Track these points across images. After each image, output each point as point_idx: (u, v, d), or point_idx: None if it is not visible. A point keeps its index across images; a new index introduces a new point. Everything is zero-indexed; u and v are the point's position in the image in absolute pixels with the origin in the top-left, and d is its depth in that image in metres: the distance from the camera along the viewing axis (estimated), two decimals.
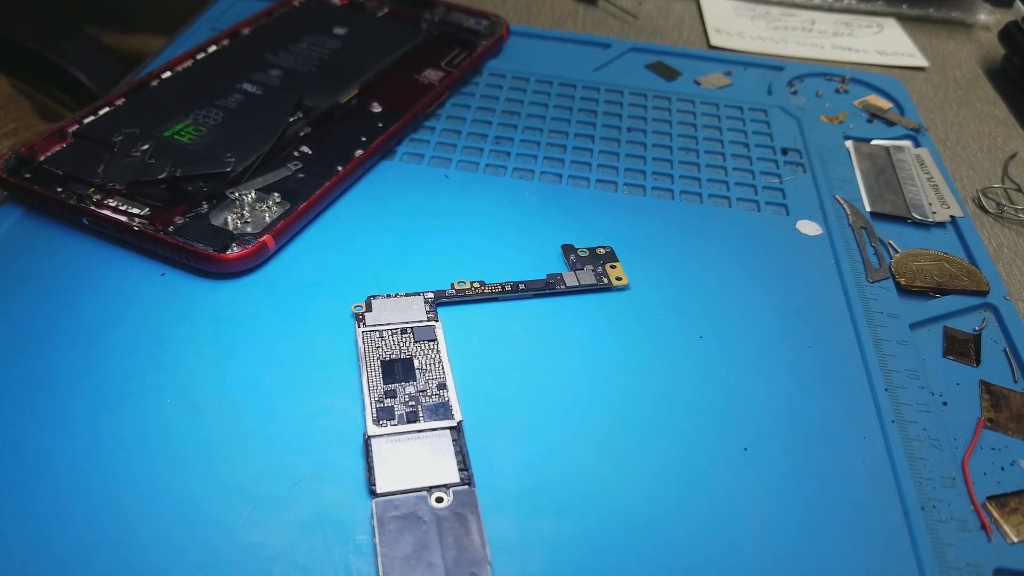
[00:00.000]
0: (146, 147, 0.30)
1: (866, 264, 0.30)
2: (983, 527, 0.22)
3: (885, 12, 0.52)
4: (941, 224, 0.33)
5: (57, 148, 0.30)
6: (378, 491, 0.21)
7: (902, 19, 0.51)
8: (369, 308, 0.26)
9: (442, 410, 0.23)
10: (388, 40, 0.39)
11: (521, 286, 0.27)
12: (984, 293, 0.29)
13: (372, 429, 0.22)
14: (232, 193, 0.29)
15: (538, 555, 0.20)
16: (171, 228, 0.27)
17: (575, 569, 0.20)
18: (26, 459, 0.21)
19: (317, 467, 0.22)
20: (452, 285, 0.27)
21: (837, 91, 0.42)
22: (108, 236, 0.28)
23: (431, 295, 0.26)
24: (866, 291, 0.29)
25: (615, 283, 0.28)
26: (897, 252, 0.31)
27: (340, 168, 0.31)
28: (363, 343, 0.25)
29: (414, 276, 0.28)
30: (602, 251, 0.29)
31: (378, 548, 0.19)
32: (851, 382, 0.26)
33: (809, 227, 0.32)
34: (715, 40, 0.47)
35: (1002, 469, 0.23)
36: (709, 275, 0.29)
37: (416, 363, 0.24)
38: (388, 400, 0.23)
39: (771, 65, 0.43)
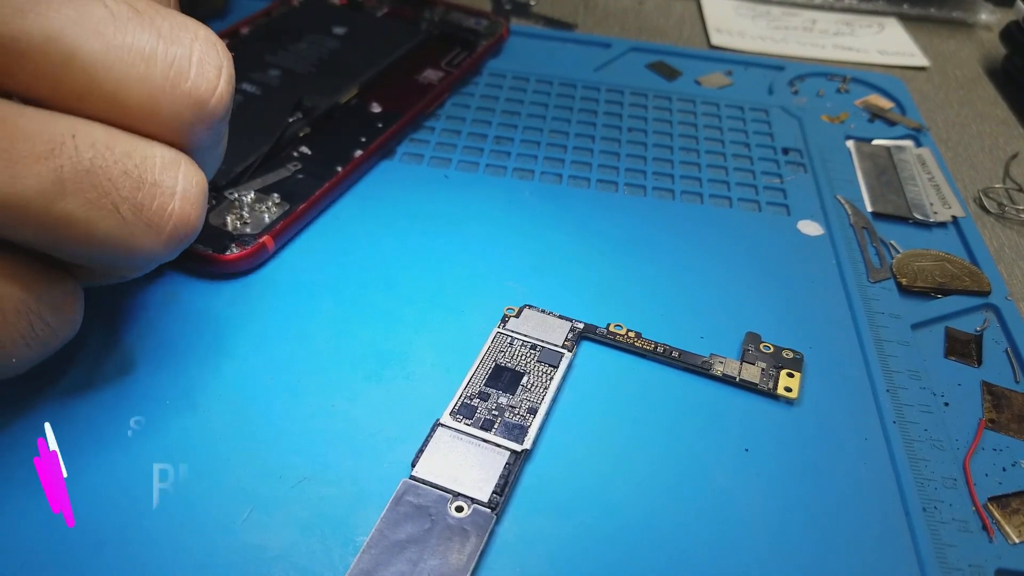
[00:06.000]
0: None
1: (867, 264, 0.30)
2: (984, 528, 0.22)
3: (886, 12, 0.52)
4: (942, 224, 0.33)
5: None
6: (414, 474, 0.21)
7: (903, 19, 0.51)
8: (518, 315, 0.26)
9: (517, 432, 0.22)
10: (388, 40, 0.39)
11: (675, 353, 0.25)
12: (986, 293, 0.29)
13: (445, 418, 0.22)
14: (231, 194, 0.29)
15: (538, 555, 0.20)
16: None
17: (575, 569, 0.20)
18: (25, 460, 0.21)
19: (317, 468, 0.21)
20: (608, 326, 0.26)
21: (838, 91, 0.41)
22: None
23: (581, 326, 0.26)
24: (867, 291, 0.29)
25: (781, 392, 0.24)
26: (898, 252, 0.31)
27: (340, 168, 0.31)
28: (491, 341, 0.25)
29: (414, 277, 0.28)
30: (789, 354, 0.26)
31: (377, 522, 0.20)
32: (852, 383, 0.25)
33: (810, 227, 0.32)
34: (716, 40, 0.47)
35: (1004, 470, 0.23)
36: (709, 275, 0.29)
37: (524, 380, 0.24)
38: (476, 400, 0.23)
39: (772, 65, 0.43)
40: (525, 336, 0.25)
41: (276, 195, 0.29)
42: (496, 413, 0.23)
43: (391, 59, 0.38)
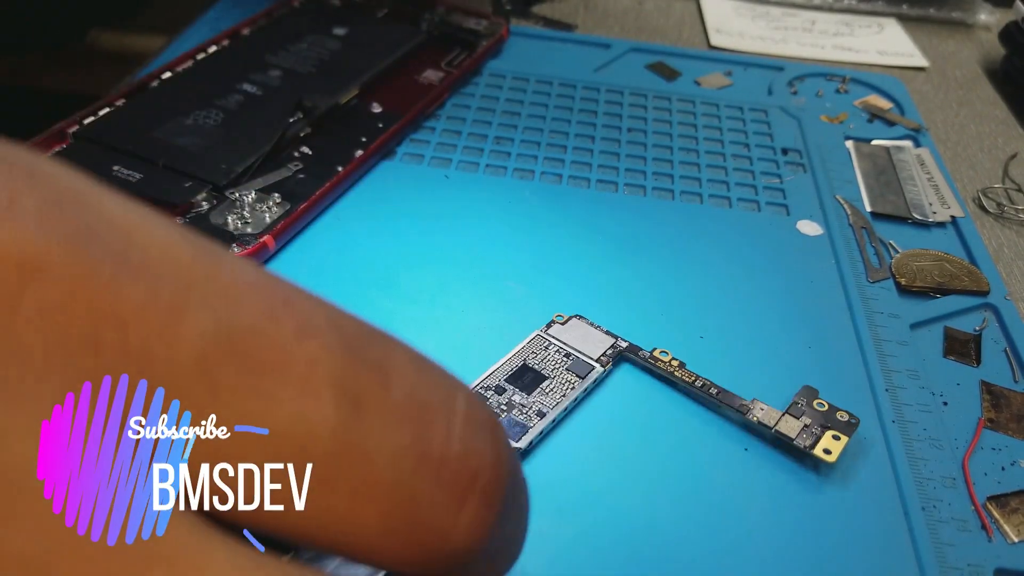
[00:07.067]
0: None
1: (866, 264, 0.30)
2: (983, 527, 0.22)
3: (885, 12, 0.52)
4: (941, 224, 0.33)
5: (57, 148, 0.30)
6: None
7: (902, 19, 0.51)
8: (565, 322, 0.26)
9: (517, 429, 0.22)
10: (388, 40, 0.39)
11: (713, 390, 0.24)
12: (984, 293, 0.29)
13: None
14: (232, 193, 0.29)
15: (538, 556, 0.20)
16: None
17: (575, 570, 0.20)
18: None
19: None
20: (653, 351, 0.25)
21: (837, 91, 0.42)
22: None
23: (624, 344, 0.25)
24: (866, 291, 0.29)
25: (820, 453, 0.22)
26: (897, 252, 0.31)
27: (340, 168, 0.31)
28: (528, 341, 0.25)
29: (415, 277, 0.28)
30: (843, 416, 0.23)
31: None
32: (851, 382, 0.26)
33: (809, 227, 0.32)
34: (715, 40, 0.47)
35: (1002, 469, 0.23)
36: (709, 275, 0.29)
37: (545, 384, 0.23)
38: (489, 393, 0.23)
39: (771, 65, 0.43)
40: (564, 344, 0.25)
41: (277, 195, 0.29)
42: (504, 408, 0.23)
43: (391, 59, 0.38)
